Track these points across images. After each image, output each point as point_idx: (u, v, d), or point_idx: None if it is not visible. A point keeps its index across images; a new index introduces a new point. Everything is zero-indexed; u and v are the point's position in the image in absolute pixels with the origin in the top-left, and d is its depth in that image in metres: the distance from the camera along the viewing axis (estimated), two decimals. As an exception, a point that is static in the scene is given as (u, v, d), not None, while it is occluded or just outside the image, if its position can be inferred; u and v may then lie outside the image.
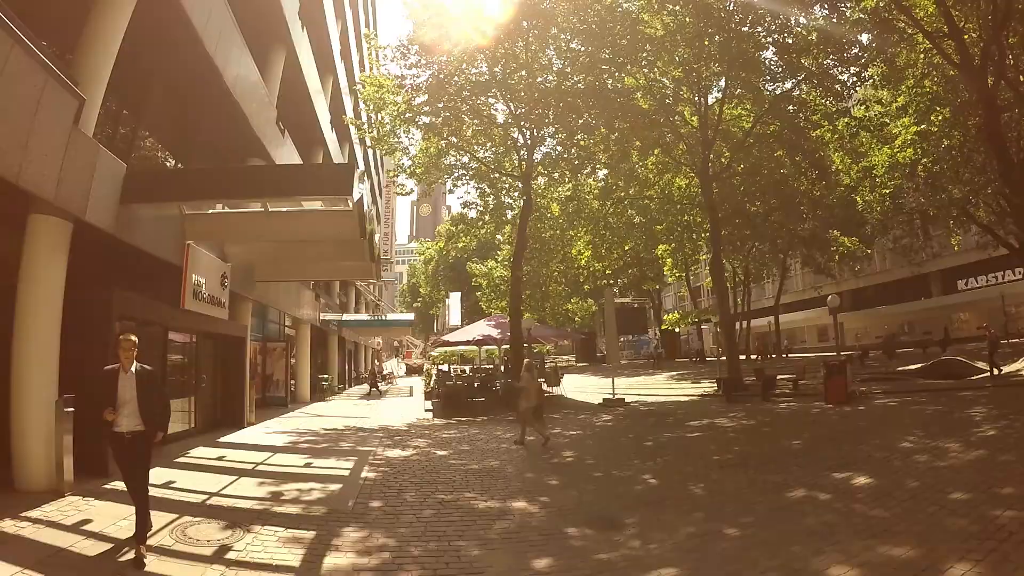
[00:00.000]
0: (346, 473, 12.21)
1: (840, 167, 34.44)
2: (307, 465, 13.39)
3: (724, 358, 30.33)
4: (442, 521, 8.55)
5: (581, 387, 33.89)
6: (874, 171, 31.70)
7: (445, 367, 35.50)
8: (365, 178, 39.44)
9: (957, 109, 27.53)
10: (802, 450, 13.30)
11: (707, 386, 31.14)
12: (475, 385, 27.88)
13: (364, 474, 11.90)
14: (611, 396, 26.16)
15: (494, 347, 35.20)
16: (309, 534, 7.94)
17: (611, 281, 51.26)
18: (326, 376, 36.89)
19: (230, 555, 7.11)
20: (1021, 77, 25.21)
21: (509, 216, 32.93)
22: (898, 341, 49.95)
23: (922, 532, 7.12)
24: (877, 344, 49.95)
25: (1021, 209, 22.45)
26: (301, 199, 15.67)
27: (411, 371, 72.85)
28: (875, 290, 64.31)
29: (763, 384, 25.14)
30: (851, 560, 6.37)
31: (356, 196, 14.75)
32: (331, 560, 6.99)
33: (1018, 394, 19.85)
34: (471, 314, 72.41)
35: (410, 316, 65.52)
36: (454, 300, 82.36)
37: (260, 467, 13.01)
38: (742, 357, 40.64)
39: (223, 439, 16.92)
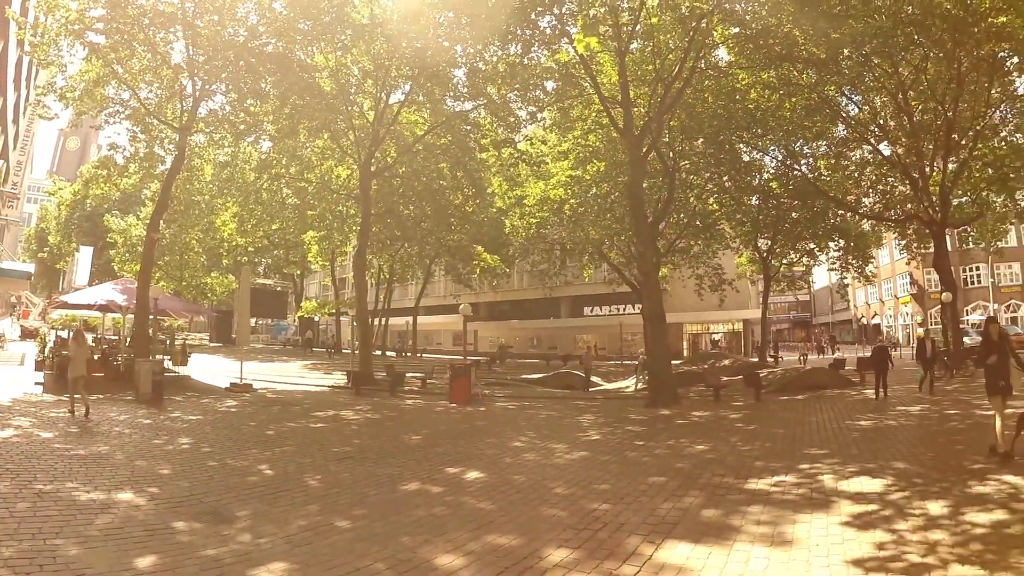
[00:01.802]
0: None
1: (496, 191, 36.77)
2: None
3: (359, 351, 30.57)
4: (38, 516, 7.39)
5: (211, 369, 32.04)
6: (526, 201, 34.16)
7: (65, 333, 31.51)
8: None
9: (611, 165, 31.13)
10: (421, 445, 13.61)
11: (339, 378, 31.07)
12: (94, 358, 24.87)
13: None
14: (239, 381, 25.05)
15: (119, 315, 31.83)
16: None
17: (254, 259, 49.41)
18: (-83, 334, 30.64)
19: None
20: (671, 153, 29.74)
21: (160, 171, 29.84)
22: (508, 352, 54.39)
23: (525, 523, 7.59)
24: (505, 353, 54.05)
25: (644, 257, 25.51)
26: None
27: (27, 334, 63.78)
28: (510, 305, 70.07)
29: (392, 380, 25.55)
30: (457, 550, 6.57)
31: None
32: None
33: (622, 406, 22.60)
34: (102, 274, 65.19)
35: (29, 267, 57.49)
36: (85, 256, 72.27)
37: None
38: (377, 352, 41.17)
39: None
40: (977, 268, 64.14)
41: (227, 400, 21.45)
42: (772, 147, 34.40)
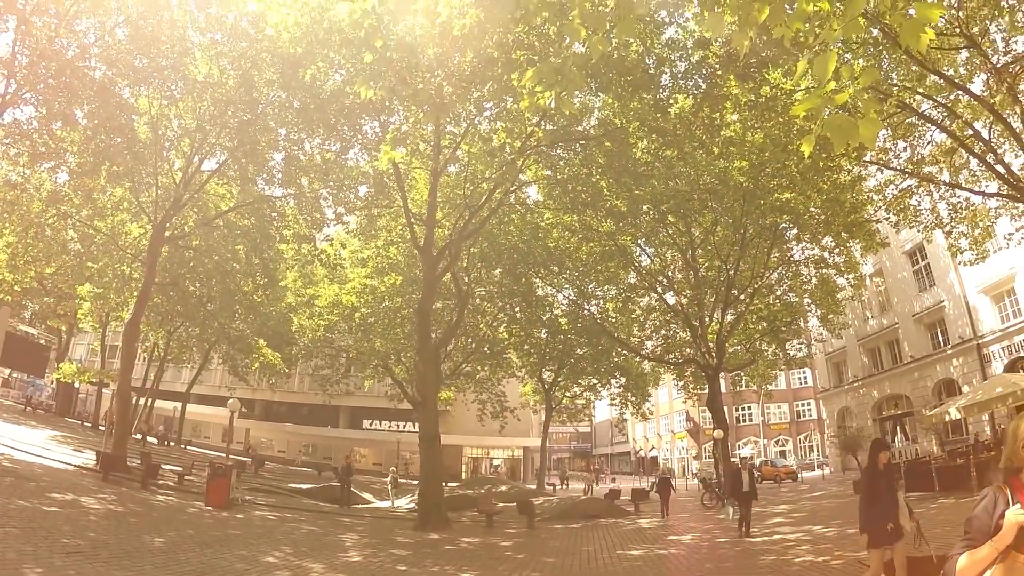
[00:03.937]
0: None
1: (289, 286, 35.88)
2: None
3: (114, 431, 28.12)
4: None
5: (-59, 430, 28.41)
6: (317, 301, 33.76)
7: None
8: None
9: (408, 281, 31.60)
10: (164, 549, 12.45)
11: (88, 457, 28.33)
12: None
13: None
14: (-28, 443, 22.27)
15: None
16: None
17: (21, 301, 44.99)
18: None
19: None
20: (467, 278, 30.71)
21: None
22: (262, 456, 52.20)
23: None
24: (276, 456, 52.07)
25: (424, 377, 25.67)
26: None
27: None
28: (288, 407, 67.89)
29: (145, 469, 23.58)
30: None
31: None
32: None
33: (391, 526, 22.08)
34: None
35: None
36: None
37: None
38: (137, 436, 38.23)
39: None
40: (748, 407, 71.56)
41: (-48, 466, 18.98)
42: (566, 285, 36.41)
